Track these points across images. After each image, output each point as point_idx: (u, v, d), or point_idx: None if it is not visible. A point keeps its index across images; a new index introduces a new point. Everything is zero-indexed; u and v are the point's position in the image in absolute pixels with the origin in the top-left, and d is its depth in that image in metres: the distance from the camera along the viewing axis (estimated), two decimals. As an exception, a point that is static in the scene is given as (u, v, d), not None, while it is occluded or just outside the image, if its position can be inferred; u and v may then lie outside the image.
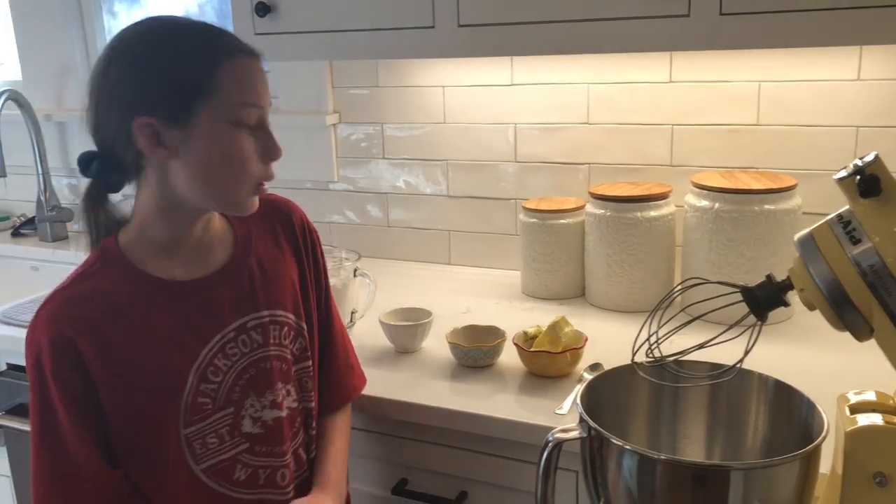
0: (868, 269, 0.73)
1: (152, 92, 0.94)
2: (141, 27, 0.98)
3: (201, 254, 1.05)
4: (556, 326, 1.28)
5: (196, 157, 0.96)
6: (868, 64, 1.44)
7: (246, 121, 0.96)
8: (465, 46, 1.40)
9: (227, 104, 0.95)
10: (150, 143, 0.94)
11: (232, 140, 0.96)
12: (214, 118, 0.94)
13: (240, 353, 1.04)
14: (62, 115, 2.30)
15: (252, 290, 1.06)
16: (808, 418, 0.85)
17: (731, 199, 1.40)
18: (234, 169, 0.97)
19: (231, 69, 0.95)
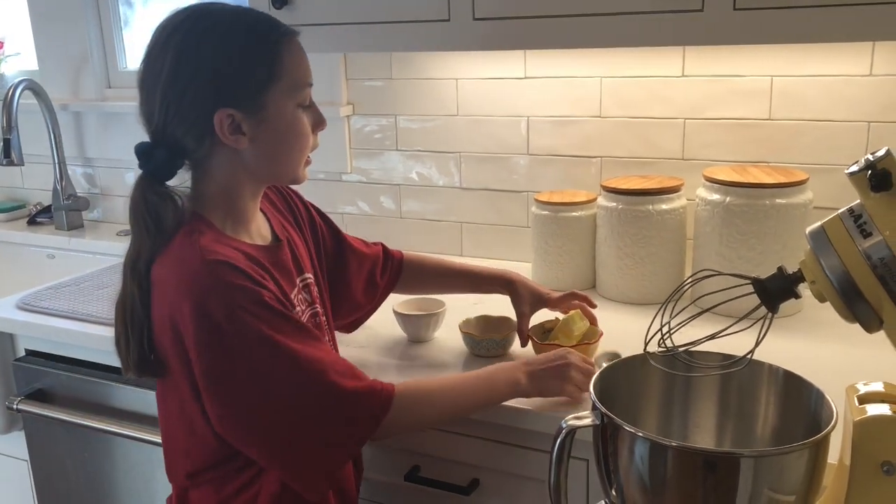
0: (878, 261, 0.75)
1: (230, 86, 1.00)
2: (203, 21, 1.01)
3: (260, 227, 1.14)
4: (570, 320, 1.29)
5: (269, 139, 1.04)
6: (880, 59, 1.45)
7: (306, 99, 1.06)
8: (480, 40, 1.41)
9: (291, 87, 1.03)
10: (231, 133, 1.01)
11: (298, 119, 1.05)
12: (283, 101, 1.03)
13: (302, 309, 1.14)
14: (78, 105, 2.32)
15: (294, 256, 1.17)
16: (817, 408, 0.87)
17: (742, 193, 1.42)
18: (300, 144, 1.07)
19: (290, 53, 1.03)
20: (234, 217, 1.08)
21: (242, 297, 0.97)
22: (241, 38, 1.00)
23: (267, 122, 1.02)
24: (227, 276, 0.97)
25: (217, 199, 1.06)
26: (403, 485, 1.29)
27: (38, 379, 1.62)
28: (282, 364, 0.98)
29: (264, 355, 0.97)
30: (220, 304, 0.96)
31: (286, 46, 1.03)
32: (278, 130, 1.04)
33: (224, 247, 1.01)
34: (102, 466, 1.61)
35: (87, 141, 2.36)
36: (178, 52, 0.99)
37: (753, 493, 0.79)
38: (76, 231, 2.30)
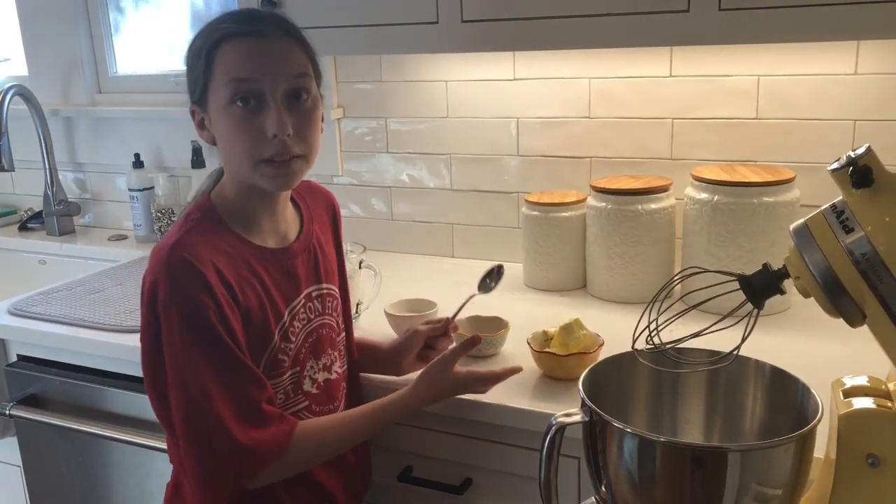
0: (860, 257, 0.76)
1: (190, 82, 1.08)
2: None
3: (280, 228, 1.14)
4: (568, 328, 1.27)
5: (217, 136, 1.08)
6: (865, 58, 1.47)
7: (234, 98, 1.02)
8: (468, 41, 1.42)
9: (222, 83, 1.03)
10: (199, 128, 1.09)
11: (229, 116, 1.04)
12: (217, 100, 1.05)
13: (307, 318, 1.15)
14: (69, 110, 2.32)
15: (315, 264, 1.18)
16: (804, 403, 0.88)
17: (730, 192, 1.43)
18: (234, 148, 1.06)
19: (223, 52, 1.03)
20: (241, 212, 1.10)
21: (185, 302, 1.00)
22: (197, 38, 1.06)
23: (211, 119, 1.07)
24: (183, 276, 1.00)
25: (227, 193, 1.11)
26: (396, 485, 1.30)
27: (30, 384, 1.61)
28: (190, 382, 1.01)
29: (180, 365, 1.02)
30: (165, 296, 1.01)
31: (223, 45, 1.03)
32: (217, 130, 1.07)
33: (206, 244, 1.04)
34: (96, 471, 1.61)
35: (77, 146, 2.36)
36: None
37: (741, 487, 0.80)
38: (67, 236, 2.30)
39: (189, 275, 1.00)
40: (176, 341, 1.01)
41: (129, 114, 2.24)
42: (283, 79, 1.04)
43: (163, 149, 2.23)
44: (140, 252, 2.10)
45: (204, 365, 1.01)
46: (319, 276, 1.18)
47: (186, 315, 1.00)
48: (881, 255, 0.75)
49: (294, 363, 1.12)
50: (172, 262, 1.01)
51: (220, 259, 1.04)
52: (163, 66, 2.29)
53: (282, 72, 1.04)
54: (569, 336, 1.26)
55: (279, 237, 1.14)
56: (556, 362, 1.23)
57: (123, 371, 1.51)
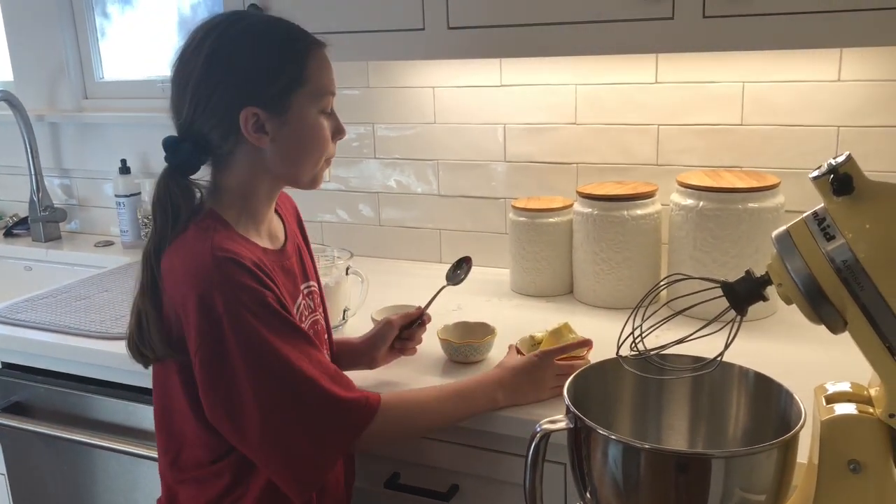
0: (841, 264, 0.76)
1: (257, 86, 1.05)
2: (236, 25, 1.07)
3: (273, 230, 1.17)
4: (558, 333, 1.27)
5: (290, 141, 1.08)
6: (848, 65, 1.48)
7: (327, 106, 1.10)
8: (455, 48, 1.43)
9: (315, 93, 1.08)
10: (254, 130, 1.06)
11: (319, 124, 1.10)
12: (306, 105, 1.07)
13: (304, 315, 1.17)
14: (54, 116, 2.31)
15: (302, 263, 1.22)
16: (787, 409, 0.88)
17: (715, 198, 1.44)
18: (319, 149, 1.11)
19: (316, 61, 1.08)
20: (247, 215, 1.11)
21: (247, 296, 1.00)
22: (272, 42, 1.06)
23: (289, 124, 1.07)
24: (235, 273, 1.00)
25: (234, 196, 1.10)
26: (384, 492, 1.29)
27: (15, 392, 1.60)
28: (276, 366, 1.01)
29: (260, 355, 1.00)
30: (225, 300, 0.99)
31: (313, 54, 1.08)
32: (299, 133, 1.08)
33: (235, 244, 1.04)
34: (82, 479, 1.60)
35: (64, 152, 2.35)
36: (211, 52, 1.04)
37: (725, 493, 0.81)
38: (53, 243, 2.29)
39: (241, 271, 1.00)
40: (253, 338, 0.99)
41: (116, 119, 2.23)
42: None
43: (149, 154, 2.22)
44: (127, 258, 2.09)
45: (287, 349, 1.01)
46: (307, 274, 1.22)
47: (256, 309, 1.00)
48: (862, 262, 0.75)
49: None
50: (222, 266, 1.00)
51: (249, 258, 1.04)
52: (149, 71, 2.28)
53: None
54: (559, 341, 1.25)
55: (274, 240, 1.17)
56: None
57: (109, 378, 1.50)
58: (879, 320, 0.76)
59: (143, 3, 2.26)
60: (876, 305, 0.75)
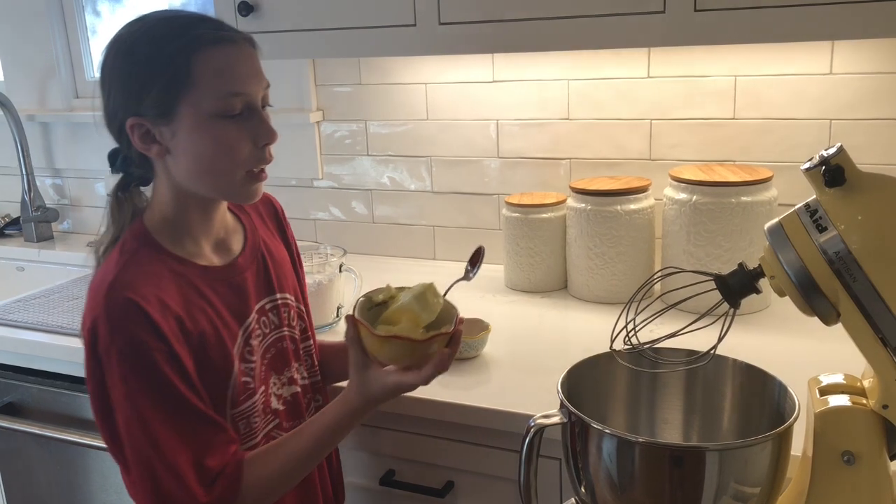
0: (834, 255, 0.76)
1: (138, 91, 0.96)
2: (131, 25, 1.00)
3: (223, 242, 1.08)
4: (421, 299, 1.00)
5: (186, 152, 0.98)
6: (839, 58, 1.48)
7: (229, 110, 0.97)
8: (446, 44, 1.42)
9: (206, 96, 0.96)
10: (144, 142, 0.98)
11: (216, 131, 0.97)
12: (197, 111, 0.96)
13: (263, 333, 1.09)
14: (45, 116, 2.30)
15: (266, 274, 1.12)
16: (781, 401, 0.88)
17: (708, 192, 1.43)
18: (223, 159, 0.98)
19: (206, 60, 0.96)
20: (181, 231, 1.03)
21: (125, 342, 0.93)
22: (152, 46, 0.96)
23: (180, 133, 0.97)
24: (121, 314, 0.93)
25: (164, 212, 1.03)
26: (378, 489, 1.29)
27: (8, 392, 1.60)
28: (134, 426, 0.94)
29: (125, 407, 0.94)
30: (111, 340, 0.93)
31: (203, 51, 0.95)
32: (193, 141, 0.97)
33: (147, 276, 0.97)
34: (75, 479, 1.59)
35: (55, 152, 2.34)
36: (104, 60, 0.99)
37: (720, 486, 0.81)
38: (45, 243, 2.28)
39: (129, 314, 0.93)
40: (119, 386, 0.93)
41: (107, 118, 2.22)
42: (261, 87, 1.01)
43: (141, 153, 2.21)
44: (119, 258, 2.08)
45: (151, 412, 0.94)
46: (272, 286, 1.12)
47: (129, 358, 0.93)
48: (854, 253, 0.75)
49: (259, 382, 1.07)
50: (111, 302, 0.93)
51: (165, 289, 0.97)
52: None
53: (260, 81, 1.01)
54: (418, 310, 0.99)
55: (223, 252, 1.08)
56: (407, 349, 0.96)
57: (102, 378, 1.50)
58: (872, 311, 0.76)
59: (134, 1, 2.25)
60: (868, 296, 0.75)
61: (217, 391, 1.01)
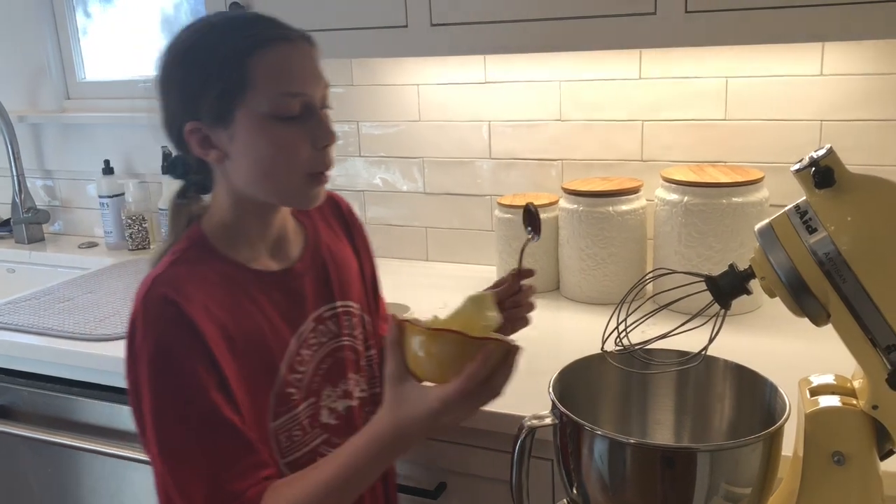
0: (824, 256, 0.76)
1: (194, 96, 0.94)
2: (188, 28, 0.97)
3: (282, 246, 1.05)
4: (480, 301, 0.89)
5: (244, 156, 0.95)
6: (830, 59, 1.49)
7: (287, 112, 0.94)
8: (438, 45, 1.42)
9: (263, 99, 0.93)
10: (202, 147, 0.96)
11: (273, 134, 0.94)
12: (254, 114, 0.93)
13: (318, 343, 1.05)
14: (36, 117, 2.29)
15: (327, 280, 1.08)
16: (772, 402, 0.89)
17: (699, 193, 1.44)
18: (282, 162, 0.95)
19: (261, 62, 0.93)
20: (236, 237, 1.00)
21: (157, 342, 0.90)
22: (208, 49, 0.94)
23: (238, 137, 0.94)
24: (158, 312, 0.91)
25: (222, 218, 1.00)
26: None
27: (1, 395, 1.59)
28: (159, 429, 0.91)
29: (151, 408, 0.91)
30: (142, 333, 0.91)
31: (261, 53, 0.93)
32: (250, 145, 0.94)
33: (194, 276, 0.94)
34: (67, 482, 1.58)
35: (46, 153, 2.33)
36: (161, 65, 0.97)
37: (711, 487, 0.81)
38: (37, 244, 2.27)
39: (166, 312, 0.90)
40: (147, 385, 0.90)
41: (99, 120, 2.22)
42: (320, 87, 0.97)
43: (133, 155, 2.21)
44: (111, 259, 2.08)
45: (174, 416, 0.90)
46: (332, 293, 1.08)
47: (160, 358, 0.90)
48: (844, 254, 0.76)
49: (308, 394, 1.02)
50: (150, 299, 0.91)
51: (211, 291, 0.94)
52: (131, 71, 2.26)
53: (320, 81, 0.97)
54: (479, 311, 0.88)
55: (281, 258, 1.05)
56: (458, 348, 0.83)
57: (94, 380, 1.49)
58: (861, 312, 0.76)
59: (125, 2, 2.25)
60: (858, 297, 0.76)
61: (258, 401, 0.97)
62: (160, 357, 0.90)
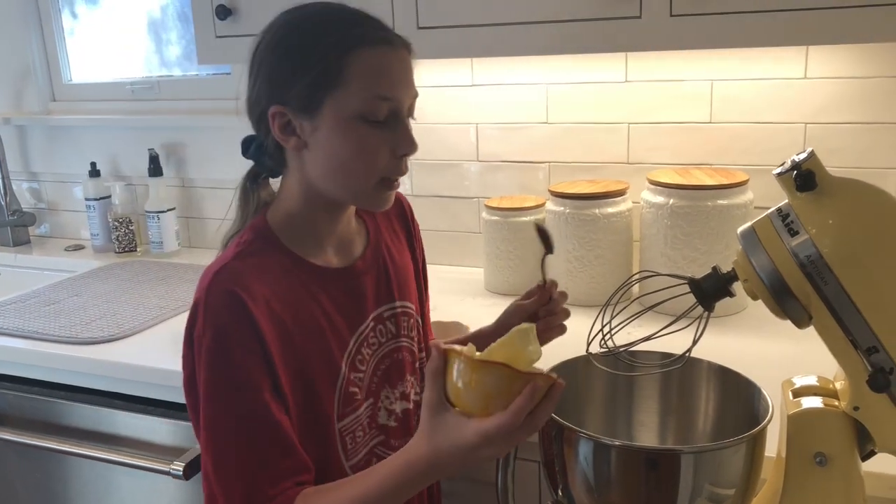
0: (805, 259, 0.77)
1: (286, 81, 0.93)
2: (288, 13, 0.97)
3: (346, 244, 1.05)
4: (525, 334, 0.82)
5: (324, 149, 0.94)
6: (814, 63, 1.50)
7: (375, 115, 0.93)
8: (425, 48, 1.41)
9: (355, 97, 0.92)
10: (283, 132, 0.95)
11: (357, 134, 0.93)
12: (342, 110, 0.92)
13: (378, 342, 1.04)
14: (21, 119, 2.28)
15: (387, 280, 1.07)
16: (755, 403, 0.89)
17: (685, 195, 1.45)
18: (360, 163, 0.94)
19: (361, 61, 0.92)
20: (302, 230, 1.00)
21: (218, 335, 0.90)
22: (309, 37, 0.93)
23: (321, 130, 0.94)
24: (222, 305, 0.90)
25: (289, 209, 1.00)
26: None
27: (-16, 399, 1.58)
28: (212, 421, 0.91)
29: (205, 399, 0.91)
30: (202, 324, 0.91)
31: (361, 52, 0.92)
32: (332, 140, 0.94)
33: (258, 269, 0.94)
34: (54, 486, 1.58)
35: (31, 155, 2.32)
36: (257, 44, 0.97)
37: (695, 488, 0.82)
38: (22, 247, 2.26)
39: (229, 305, 0.90)
40: (203, 374, 0.90)
41: (85, 122, 2.21)
42: (411, 95, 0.97)
43: (119, 157, 2.20)
44: (97, 262, 2.07)
45: (223, 408, 0.90)
46: (392, 293, 1.07)
47: (218, 349, 0.89)
48: (825, 257, 0.76)
49: (368, 394, 1.02)
50: (213, 289, 0.91)
51: (273, 286, 0.94)
52: (118, 73, 2.26)
53: (411, 90, 0.97)
54: (524, 346, 0.82)
55: (344, 255, 1.04)
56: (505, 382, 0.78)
57: (80, 384, 1.48)
58: (843, 314, 0.77)
59: (112, 3, 2.24)
60: (839, 299, 0.76)
61: (323, 400, 0.96)
62: (218, 348, 0.90)
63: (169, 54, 2.21)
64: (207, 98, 2.08)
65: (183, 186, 2.15)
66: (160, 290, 1.80)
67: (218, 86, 2.07)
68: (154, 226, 2.08)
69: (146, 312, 1.64)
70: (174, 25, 2.17)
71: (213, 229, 2.14)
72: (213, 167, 2.08)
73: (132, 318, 1.61)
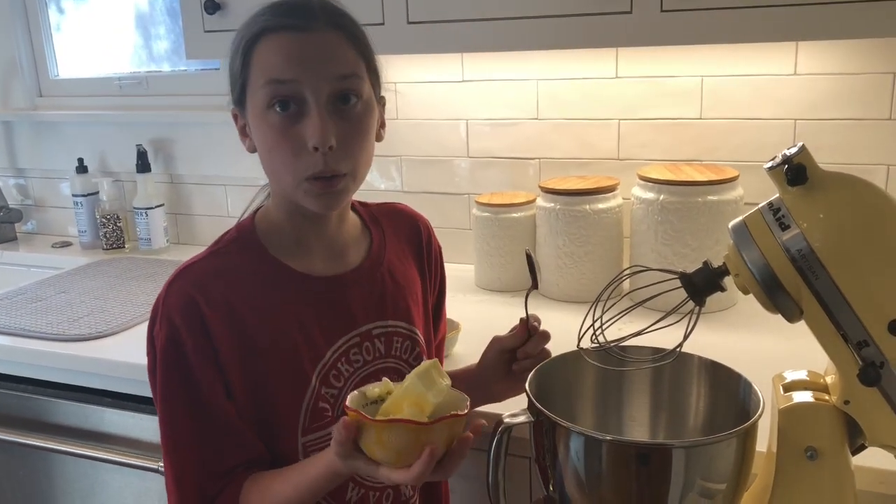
0: (797, 253, 0.77)
1: (231, 80, 0.93)
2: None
3: (337, 251, 0.99)
4: (426, 377, 0.81)
5: (257, 148, 0.93)
6: (804, 59, 1.50)
7: (270, 102, 0.87)
8: (415, 43, 1.42)
9: (256, 86, 0.89)
10: (241, 134, 0.95)
11: (267, 126, 0.89)
12: (255, 105, 0.89)
13: (362, 360, 0.99)
14: (8, 115, 2.26)
15: (382, 296, 1.01)
16: (746, 398, 0.89)
17: (675, 191, 1.45)
18: (276, 160, 0.90)
19: (262, 48, 0.88)
20: (286, 234, 0.97)
21: (167, 334, 0.91)
22: (238, 32, 0.92)
23: (250, 127, 0.93)
24: (175, 304, 0.91)
25: (274, 210, 0.98)
26: (348, 490, 1.28)
27: (-31, 397, 1.57)
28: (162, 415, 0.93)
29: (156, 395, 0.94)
30: (159, 322, 0.92)
31: (263, 40, 0.88)
32: (255, 137, 0.92)
33: (225, 271, 0.93)
34: (39, 484, 1.56)
35: (18, 151, 2.30)
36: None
37: (686, 483, 0.81)
38: (9, 244, 2.24)
39: (183, 307, 0.90)
40: (158, 374, 0.92)
41: (72, 118, 2.19)
42: (327, 80, 0.87)
43: (107, 153, 2.18)
44: (85, 259, 2.05)
45: (178, 408, 0.92)
46: (384, 310, 1.00)
47: (166, 350, 0.90)
48: (816, 251, 0.76)
49: (341, 413, 0.95)
50: (172, 291, 0.91)
51: (240, 289, 0.92)
52: (105, 68, 2.24)
53: (326, 72, 0.87)
54: (428, 389, 0.80)
55: (334, 263, 0.99)
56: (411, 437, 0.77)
57: (66, 381, 1.47)
58: (833, 308, 0.77)
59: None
60: (830, 294, 0.76)
61: (287, 411, 0.94)
62: (171, 348, 0.91)
63: (157, 49, 2.19)
64: (196, 94, 2.07)
65: (171, 183, 2.14)
66: (148, 287, 1.78)
67: (207, 81, 2.06)
68: (142, 222, 2.06)
69: (134, 309, 1.63)
70: (162, 20, 2.16)
71: (202, 226, 2.13)
72: (202, 163, 2.07)
73: (120, 316, 1.60)
